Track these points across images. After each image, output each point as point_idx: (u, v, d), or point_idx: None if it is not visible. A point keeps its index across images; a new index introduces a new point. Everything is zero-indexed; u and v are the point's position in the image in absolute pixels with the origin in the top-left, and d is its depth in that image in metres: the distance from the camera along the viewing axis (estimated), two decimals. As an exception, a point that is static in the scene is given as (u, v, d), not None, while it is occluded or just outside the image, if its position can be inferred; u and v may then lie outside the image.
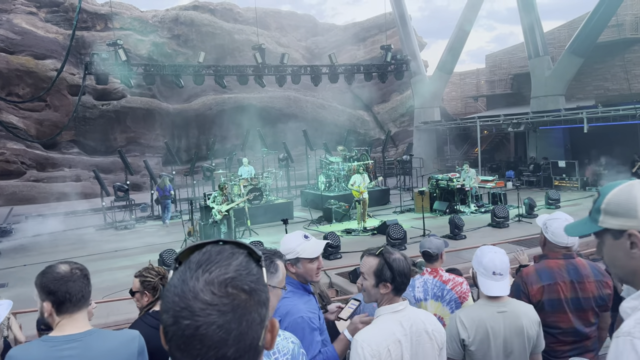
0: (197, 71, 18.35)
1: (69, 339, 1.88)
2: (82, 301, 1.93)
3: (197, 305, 0.76)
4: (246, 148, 21.73)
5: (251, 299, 0.80)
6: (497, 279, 2.64)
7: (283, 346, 1.93)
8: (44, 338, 1.93)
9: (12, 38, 22.50)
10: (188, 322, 0.76)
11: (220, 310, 0.76)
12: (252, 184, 15.24)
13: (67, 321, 1.92)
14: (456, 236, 11.55)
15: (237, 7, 30.88)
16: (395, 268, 2.26)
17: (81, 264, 2.02)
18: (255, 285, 0.81)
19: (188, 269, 0.81)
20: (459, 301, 3.61)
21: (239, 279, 0.80)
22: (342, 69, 21.08)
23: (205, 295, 0.77)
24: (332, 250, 10.36)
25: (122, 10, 26.52)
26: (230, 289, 0.78)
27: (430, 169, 25.17)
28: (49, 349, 1.86)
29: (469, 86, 34.29)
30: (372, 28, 32.84)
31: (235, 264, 0.82)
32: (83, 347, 1.88)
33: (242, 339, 0.77)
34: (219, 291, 0.77)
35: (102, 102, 24.27)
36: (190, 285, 0.78)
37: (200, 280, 0.78)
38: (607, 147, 18.36)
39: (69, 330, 1.90)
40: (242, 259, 0.84)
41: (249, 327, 0.78)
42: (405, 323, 2.23)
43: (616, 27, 21.93)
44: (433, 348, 2.27)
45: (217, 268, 0.80)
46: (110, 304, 7.47)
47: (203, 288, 0.77)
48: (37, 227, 16.02)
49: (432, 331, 2.28)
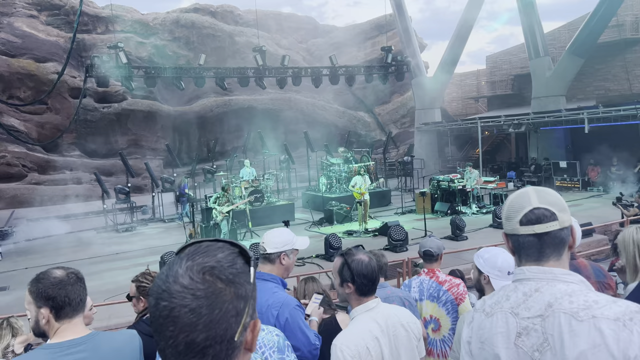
0: (198, 73, 18.37)
1: (74, 343, 1.85)
2: (80, 305, 1.92)
3: (175, 288, 0.80)
4: (247, 150, 21.73)
5: (227, 289, 0.81)
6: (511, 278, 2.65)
7: (269, 340, 2.00)
8: (44, 346, 1.88)
9: (13, 41, 22.53)
10: (165, 304, 0.79)
11: (194, 295, 0.79)
12: (254, 186, 15.24)
13: (66, 326, 1.89)
14: (458, 237, 11.55)
15: (238, 9, 30.91)
16: (354, 269, 2.30)
17: (75, 268, 2.00)
18: (235, 278, 0.83)
19: (178, 258, 0.85)
20: (456, 303, 3.58)
21: (218, 269, 0.83)
22: (343, 71, 21.09)
23: (183, 279, 0.80)
24: (333, 251, 10.36)
25: (122, 13, 26.54)
26: (207, 276, 0.81)
27: (432, 170, 25.16)
28: (54, 355, 1.81)
29: (469, 87, 34.28)
30: (373, 29, 32.85)
31: (220, 256, 0.85)
32: (90, 349, 1.86)
33: (212, 327, 0.79)
34: (196, 277, 0.81)
35: (103, 105, 24.29)
36: (174, 270, 0.82)
37: (183, 266, 0.82)
38: (608, 148, 18.33)
39: (70, 336, 1.87)
40: (229, 253, 0.86)
41: (222, 317, 0.80)
42: (380, 319, 2.27)
43: (616, 28, 21.93)
44: (410, 339, 2.31)
45: (201, 257, 0.84)
46: (111, 306, 7.45)
47: (183, 273, 0.81)
48: (38, 230, 16.03)
49: (407, 323, 2.33)
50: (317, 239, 12.32)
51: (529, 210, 1.41)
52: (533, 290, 1.36)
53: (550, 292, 1.33)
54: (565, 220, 1.41)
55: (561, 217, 1.41)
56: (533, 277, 1.39)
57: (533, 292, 1.35)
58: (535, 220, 1.40)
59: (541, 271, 1.38)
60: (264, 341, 1.99)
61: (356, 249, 2.47)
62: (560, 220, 1.40)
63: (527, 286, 1.38)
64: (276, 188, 18.57)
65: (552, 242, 1.40)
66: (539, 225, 1.39)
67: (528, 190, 1.47)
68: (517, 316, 1.34)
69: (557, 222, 1.40)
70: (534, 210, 1.41)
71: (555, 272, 1.37)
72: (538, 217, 1.40)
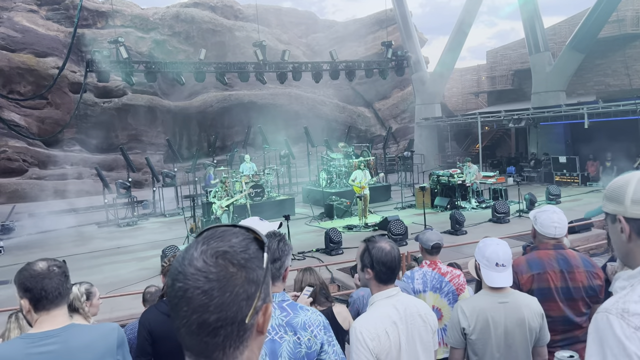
0: (198, 68, 18.37)
1: (47, 335, 1.89)
2: (59, 298, 1.94)
3: (189, 270, 0.84)
4: (247, 145, 21.75)
5: (239, 273, 0.85)
6: (500, 270, 2.70)
7: (314, 319, 2.16)
8: (22, 335, 1.94)
9: (13, 36, 22.52)
10: (180, 285, 0.84)
11: (207, 277, 0.83)
12: (254, 181, 15.29)
13: (44, 318, 1.92)
14: (457, 232, 11.61)
15: (238, 4, 30.85)
16: (374, 255, 2.35)
17: (60, 261, 2.02)
18: (247, 263, 0.86)
19: (195, 241, 0.89)
20: (457, 293, 3.70)
21: (230, 254, 0.86)
22: (343, 66, 21.09)
23: (197, 262, 0.84)
24: (333, 245, 10.42)
25: (122, 8, 26.50)
26: (220, 260, 0.85)
27: (432, 165, 25.19)
28: (27, 345, 1.87)
29: (469, 82, 34.25)
30: (373, 24, 32.79)
31: (235, 241, 0.88)
32: (61, 342, 1.90)
33: (223, 309, 0.82)
34: (210, 260, 0.84)
35: (103, 100, 24.30)
36: (190, 253, 0.87)
37: (198, 249, 0.86)
38: (608, 143, 18.37)
39: (47, 327, 1.91)
40: (243, 239, 0.90)
41: (233, 300, 0.83)
42: (400, 306, 2.32)
43: (617, 23, 21.90)
44: (427, 330, 2.36)
45: (216, 242, 0.87)
46: (113, 299, 7.53)
47: (198, 256, 0.85)
48: (39, 225, 16.09)
49: (425, 314, 2.38)
50: (317, 233, 12.40)
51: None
52: None
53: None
54: None
55: None
56: None
57: None
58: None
59: None
60: (311, 320, 2.14)
61: (380, 237, 2.51)
62: None
63: None
64: (276, 183, 18.61)
65: None
66: None
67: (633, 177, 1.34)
68: None
69: None
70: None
71: None
72: None
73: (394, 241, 9.77)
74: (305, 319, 2.12)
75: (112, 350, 2.02)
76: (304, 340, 2.07)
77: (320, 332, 2.13)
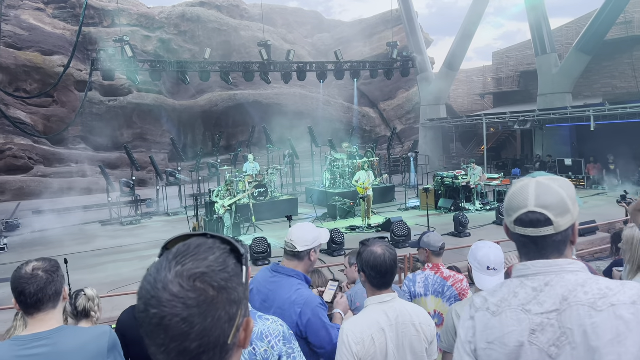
0: (203, 68, 18.40)
1: (37, 337, 1.88)
2: (39, 304, 1.89)
3: (165, 296, 0.77)
4: (251, 145, 21.73)
5: (220, 296, 0.79)
6: (492, 273, 2.68)
7: (274, 329, 2.03)
8: (13, 338, 1.93)
9: (19, 34, 22.63)
10: (155, 312, 0.77)
11: (185, 304, 0.76)
12: (257, 181, 15.27)
13: (34, 320, 1.91)
14: (460, 234, 11.56)
15: (244, 4, 30.89)
16: (364, 259, 2.31)
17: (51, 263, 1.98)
18: (227, 284, 0.80)
19: (165, 259, 0.82)
20: (459, 298, 3.64)
21: (209, 275, 0.79)
22: (348, 66, 21.08)
23: (173, 287, 0.77)
24: (336, 247, 10.39)
25: (129, 7, 26.58)
26: (198, 283, 0.78)
27: (436, 166, 25.12)
28: (17, 348, 1.86)
29: (475, 83, 34.14)
30: (379, 25, 32.74)
31: (211, 259, 0.81)
32: (51, 344, 1.88)
33: (205, 335, 0.77)
34: (187, 285, 0.77)
35: (109, 98, 24.37)
36: (162, 275, 0.79)
37: (172, 271, 0.79)
38: (614, 145, 18.25)
39: (38, 329, 1.90)
40: (220, 254, 0.83)
41: (214, 324, 0.78)
42: (391, 314, 2.27)
43: (624, 25, 21.76)
44: (420, 340, 2.29)
45: (191, 261, 0.80)
46: (114, 298, 7.51)
47: (173, 280, 0.78)
48: (43, 222, 16.13)
49: (420, 324, 2.30)
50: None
51: (523, 213, 1.36)
52: (543, 285, 1.32)
53: (561, 284, 1.30)
54: (563, 224, 1.34)
55: (558, 222, 1.33)
56: (539, 271, 1.34)
57: (543, 287, 1.32)
58: (528, 224, 1.35)
59: (547, 264, 1.34)
60: (269, 330, 2.02)
61: (376, 240, 2.44)
62: (556, 225, 1.33)
63: (536, 281, 1.34)
64: (280, 183, 18.59)
65: (549, 245, 1.35)
66: (532, 229, 1.35)
67: (530, 185, 1.38)
68: (529, 313, 1.30)
69: (552, 227, 1.33)
70: (528, 214, 1.35)
71: (560, 264, 1.34)
72: (532, 221, 1.34)
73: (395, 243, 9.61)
74: (264, 328, 2.02)
75: (103, 354, 1.99)
76: (259, 352, 1.97)
77: (278, 343, 2.01)
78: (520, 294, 1.35)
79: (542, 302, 1.30)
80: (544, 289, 1.32)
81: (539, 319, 1.28)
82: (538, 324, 1.28)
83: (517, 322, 1.31)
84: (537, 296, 1.31)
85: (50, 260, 2.01)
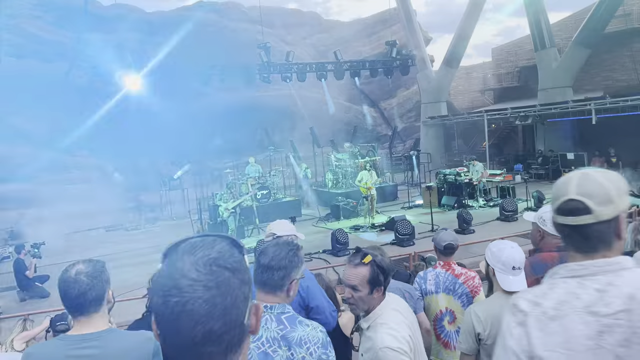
0: (202, 70, 18.41)
1: (86, 337, 1.92)
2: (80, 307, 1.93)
3: (184, 283, 0.82)
4: (253, 147, 21.71)
5: (234, 277, 0.86)
6: (516, 273, 2.67)
7: (313, 336, 2.06)
8: (61, 337, 1.97)
9: (19, 42, 22.69)
10: (177, 300, 0.81)
11: (205, 286, 0.82)
12: (260, 183, 15.27)
13: (80, 322, 1.95)
14: (465, 231, 11.54)
15: (242, 6, 30.90)
16: (386, 268, 2.27)
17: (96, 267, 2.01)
18: (238, 266, 0.88)
19: (175, 255, 0.87)
20: (471, 295, 3.61)
21: (221, 259, 0.86)
22: (348, 66, 21.08)
23: (191, 273, 0.83)
24: (340, 246, 10.39)
25: (127, 13, 26.62)
26: (214, 267, 0.85)
27: (438, 164, 25.07)
28: (67, 347, 1.90)
29: (475, 80, 34.09)
30: (377, 24, 32.73)
31: (218, 247, 0.89)
32: (100, 346, 1.92)
33: (227, 313, 0.83)
34: (204, 269, 0.84)
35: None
36: (178, 266, 0.85)
37: (187, 261, 0.85)
38: (616, 139, 18.19)
39: (85, 330, 1.94)
40: (224, 244, 0.90)
41: (233, 303, 0.84)
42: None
43: (623, 17, 21.70)
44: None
45: (201, 251, 0.87)
46: (118, 304, 7.51)
47: (190, 267, 0.84)
48: (47, 229, 16.14)
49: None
50: (323, 234, 12.35)
51: (564, 201, 1.35)
52: (606, 285, 1.28)
53: (626, 283, 1.26)
54: (604, 214, 1.30)
55: (598, 210, 1.30)
56: (597, 271, 1.30)
57: (607, 287, 1.27)
58: (568, 212, 1.34)
59: (605, 263, 1.31)
60: (309, 337, 2.04)
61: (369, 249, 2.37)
62: (595, 214, 1.30)
63: (596, 282, 1.29)
64: (282, 184, 18.57)
65: (593, 235, 1.32)
66: (572, 217, 1.33)
67: (575, 176, 1.38)
68: (596, 315, 1.25)
69: (592, 215, 1.30)
70: (567, 202, 1.34)
71: (619, 261, 1.31)
72: (571, 210, 1.33)
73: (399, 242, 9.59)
74: (303, 334, 2.03)
75: (148, 358, 2.02)
76: (297, 357, 1.98)
77: (317, 350, 2.03)
78: (583, 295, 1.29)
79: (608, 303, 1.26)
80: (607, 289, 1.28)
81: (607, 320, 1.24)
82: (606, 326, 1.24)
83: (584, 325, 1.26)
84: (603, 297, 1.27)
85: (97, 262, 2.06)
